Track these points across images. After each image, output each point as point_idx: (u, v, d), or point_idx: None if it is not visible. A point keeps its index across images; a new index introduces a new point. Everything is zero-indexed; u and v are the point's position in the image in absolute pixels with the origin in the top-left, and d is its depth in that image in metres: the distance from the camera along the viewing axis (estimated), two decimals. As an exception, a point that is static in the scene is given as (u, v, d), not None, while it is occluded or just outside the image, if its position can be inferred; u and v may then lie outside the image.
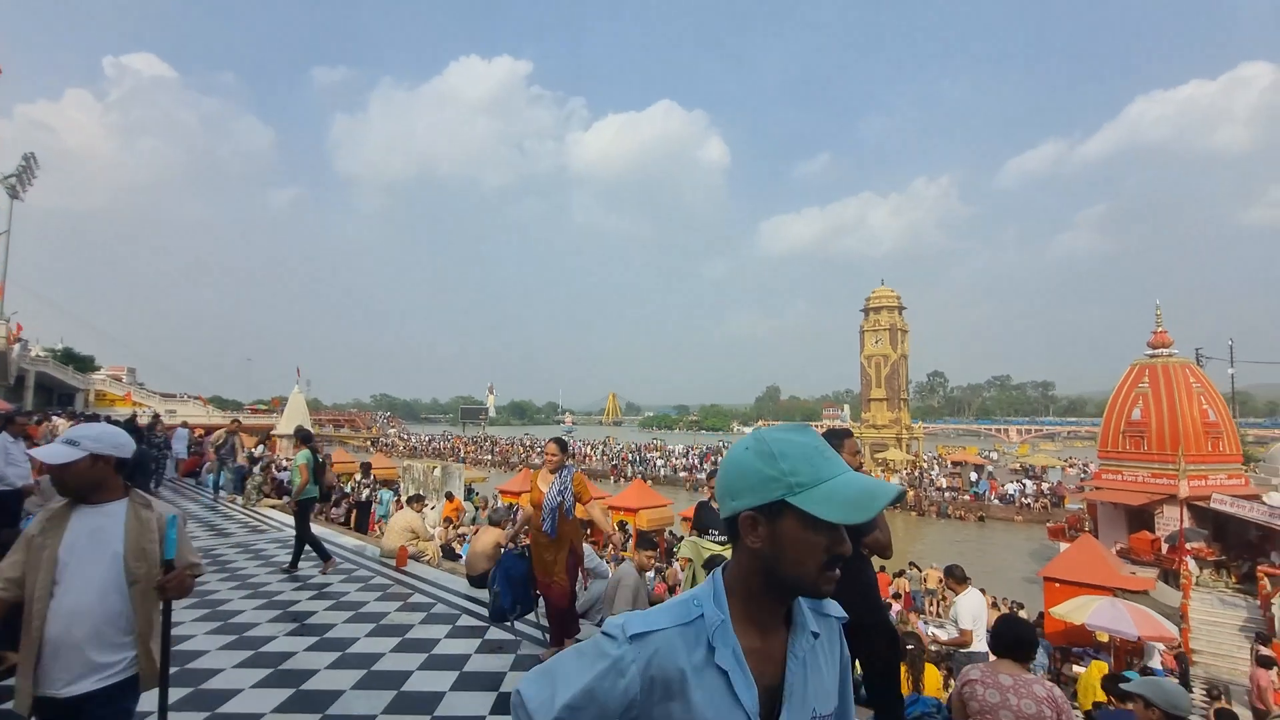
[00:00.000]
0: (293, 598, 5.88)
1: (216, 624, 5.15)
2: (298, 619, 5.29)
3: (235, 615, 5.36)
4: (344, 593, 6.03)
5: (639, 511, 21.54)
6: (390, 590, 6.13)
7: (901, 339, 48.96)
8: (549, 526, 4.55)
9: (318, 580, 6.48)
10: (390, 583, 6.37)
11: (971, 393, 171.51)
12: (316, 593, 6.06)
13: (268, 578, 6.58)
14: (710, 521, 5.32)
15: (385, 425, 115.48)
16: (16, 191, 48.33)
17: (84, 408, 55.45)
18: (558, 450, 4.83)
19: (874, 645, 3.05)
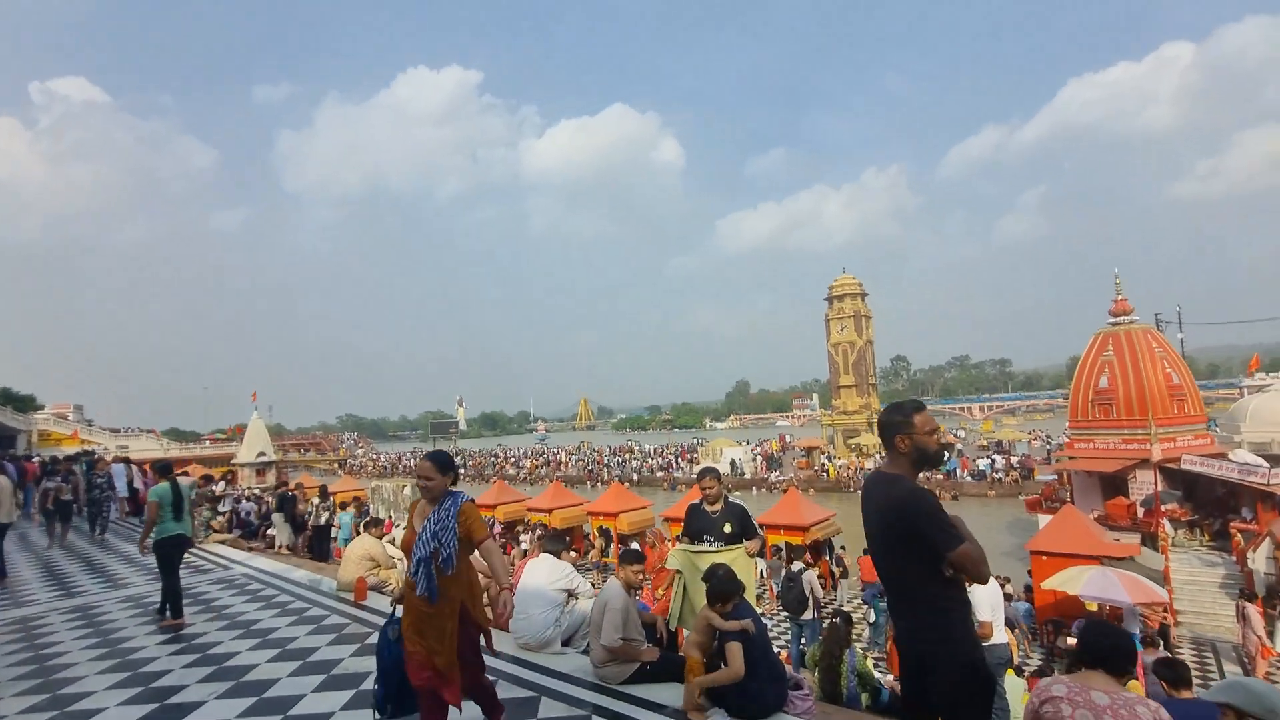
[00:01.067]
0: (231, 648, 5.15)
1: (124, 676, 4.45)
2: (232, 675, 4.56)
3: (153, 669, 4.64)
4: (292, 638, 5.30)
5: (619, 515, 20.99)
6: (346, 631, 5.40)
7: (866, 325, 49.39)
8: (424, 587, 3.03)
9: (263, 625, 5.73)
10: (347, 621, 5.64)
11: (934, 374, 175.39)
12: (260, 641, 5.32)
13: (204, 626, 5.81)
14: (704, 527, 4.76)
15: (353, 446, 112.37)
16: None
17: (26, 449, 52.48)
18: (436, 471, 3.18)
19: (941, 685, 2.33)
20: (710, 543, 4.70)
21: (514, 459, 67.25)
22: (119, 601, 6.82)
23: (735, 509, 4.87)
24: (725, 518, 4.79)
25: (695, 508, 4.99)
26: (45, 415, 64.05)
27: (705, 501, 4.90)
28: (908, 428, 2.49)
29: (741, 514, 4.84)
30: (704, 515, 4.84)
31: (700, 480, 4.92)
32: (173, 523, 5.99)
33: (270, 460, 54.29)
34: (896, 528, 2.43)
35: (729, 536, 4.71)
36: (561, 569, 4.82)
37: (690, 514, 5.00)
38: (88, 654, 5.15)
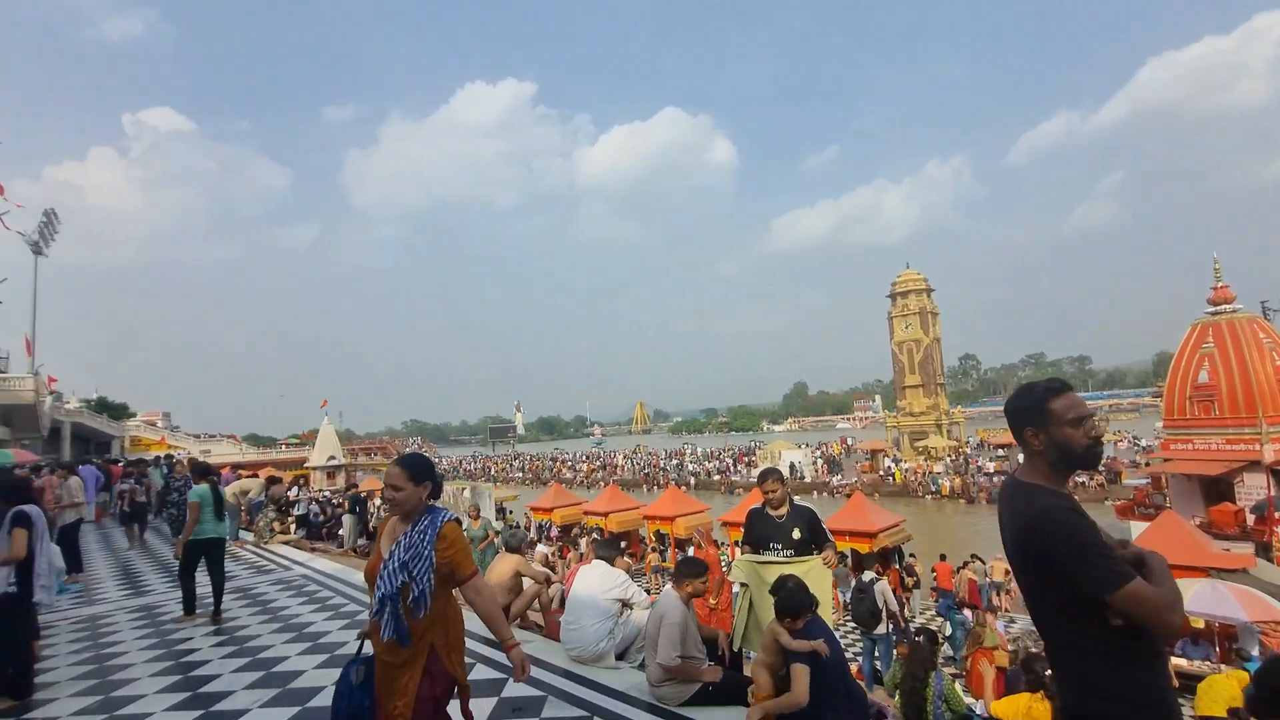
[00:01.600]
0: (281, 652, 5.04)
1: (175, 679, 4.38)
2: (278, 681, 4.43)
3: (204, 673, 4.57)
4: (341, 643, 5.14)
5: (676, 519, 20.59)
6: None
7: (933, 322, 47.27)
8: (390, 629, 2.39)
9: (314, 628, 5.63)
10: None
11: (1006, 373, 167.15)
12: (310, 645, 5.20)
13: (258, 628, 5.76)
14: (769, 533, 4.32)
15: (417, 450, 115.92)
16: (40, 248, 49.34)
17: (120, 453, 56.40)
18: (406, 479, 2.54)
19: None
20: (778, 551, 4.25)
21: (570, 463, 67.74)
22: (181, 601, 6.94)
23: (803, 513, 4.43)
24: (793, 522, 4.33)
25: (757, 512, 4.54)
26: (136, 422, 68.85)
27: (768, 506, 4.46)
28: (1041, 418, 1.82)
29: (811, 518, 4.39)
30: (768, 520, 4.40)
31: (762, 483, 4.45)
32: (211, 524, 6.04)
33: (340, 464, 56.52)
34: (1031, 555, 1.80)
35: (798, 544, 4.27)
36: (615, 577, 4.48)
37: (752, 519, 4.54)
38: (145, 654, 5.16)
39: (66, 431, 49.58)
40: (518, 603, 5.22)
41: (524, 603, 5.27)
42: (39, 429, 39.41)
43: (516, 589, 5.25)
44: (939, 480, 38.69)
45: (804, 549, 4.30)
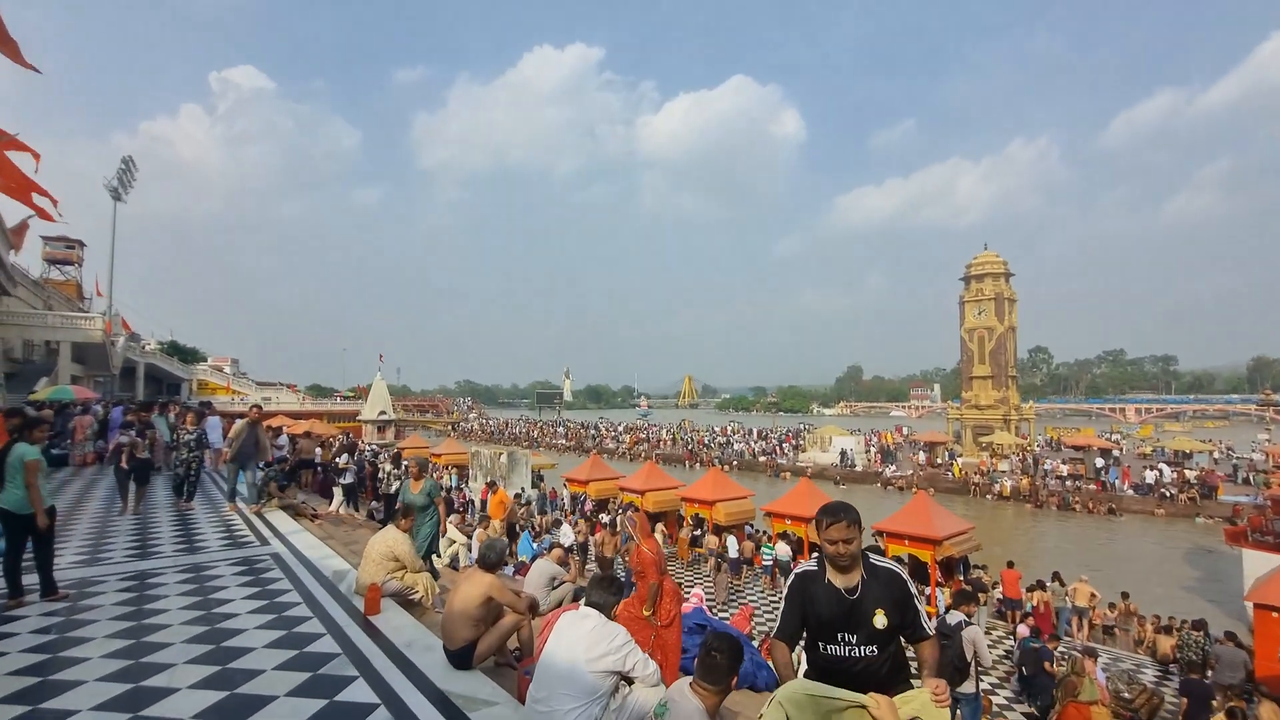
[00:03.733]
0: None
1: None
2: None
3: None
4: (254, 672, 3.92)
5: (716, 504, 19.17)
6: (325, 669, 3.97)
7: (1009, 309, 43.63)
8: None
9: (227, 646, 4.44)
10: (335, 651, 4.23)
11: (1079, 369, 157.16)
12: (202, 677, 4.03)
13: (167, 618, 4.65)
14: (834, 617, 2.70)
15: (466, 410, 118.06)
16: (119, 194, 51.05)
17: (188, 396, 58.89)
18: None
19: None
20: (850, 648, 2.63)
21: (614, 433, 67.01)
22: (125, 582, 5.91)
23: (888, 581, 2.69)
24: (874, 598, 2.63)
25: (812, 578, 2.75)
26: (205, 367, 71.87)
27: (833, 566, 2.69)
28: None
29: (902, 594, 2.68)
30: (830, 595, 2.67)
31: (825, 527, 2.67)
32: None
33: (390, 419, 57.53)
34: None
35: (883, 638, 2.63)
36: (610, 637, 3.04)
37: (804, 589, 2.75)
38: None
39: (141, 371, 51.83)
40: (488, 638, 3.90)
41: (497, 639, 3.94)
42: (110, 368, 40.91)
43: (488, 618, 3.92)
44: (1000, 479, 35.84)
45: (889, 645, 2.66)
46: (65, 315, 35.26)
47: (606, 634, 3.03)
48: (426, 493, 7.15)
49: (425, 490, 7.14)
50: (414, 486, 7.23)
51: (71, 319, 34.59)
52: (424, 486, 7.16)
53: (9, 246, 14.13)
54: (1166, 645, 12.51)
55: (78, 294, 52.52)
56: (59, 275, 52.87)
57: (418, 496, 7.00)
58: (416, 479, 7.29)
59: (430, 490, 7.23)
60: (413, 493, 7.09)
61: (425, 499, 7.14)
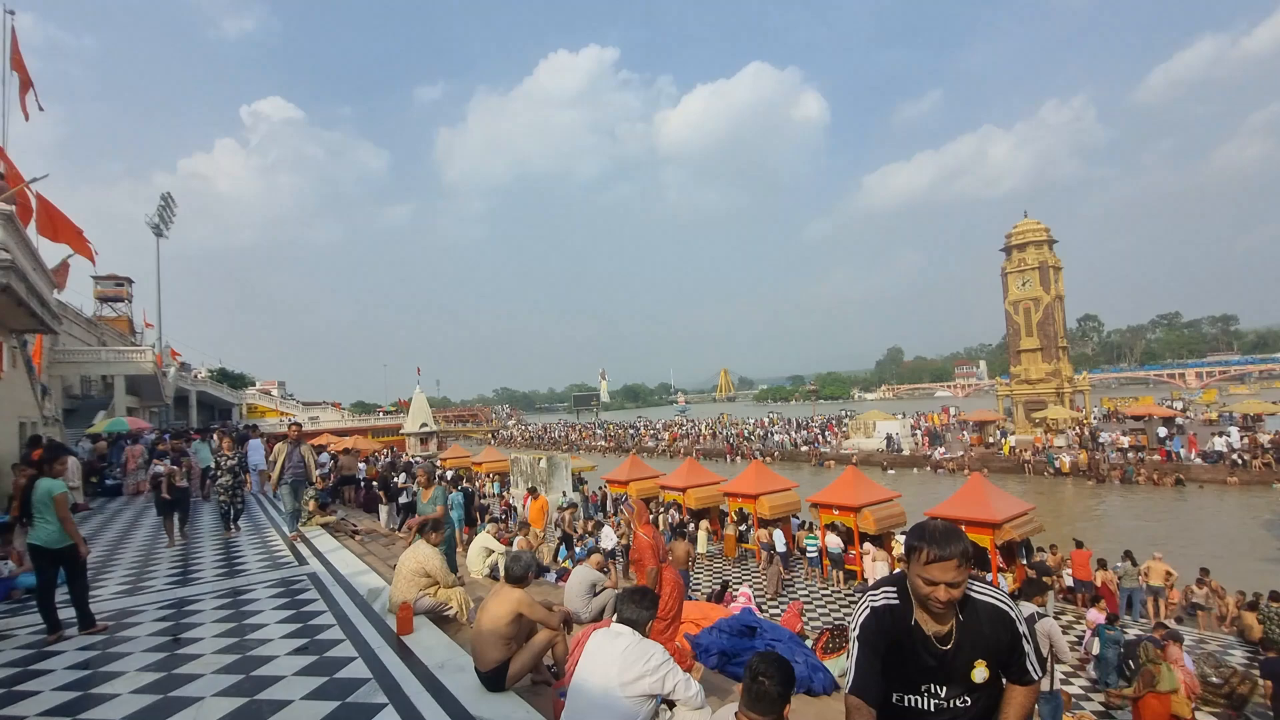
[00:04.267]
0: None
1: None
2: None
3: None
4: (281, 703, 3.73)
5: (759, 497, 18.69)
6: (354, 697, 3.76)
7: (1054, 278, 41.78)
8: None
9: (255, 675, 4.29)
10: (365, 676, 4.05)
11: (1133, 335, 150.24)
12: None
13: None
14: (919, 666, 2.12)
15: (505, 418, 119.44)
16: (160, 230, 53.04)
17: (239, 420, 60.91)
18: None
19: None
20: (938, 701, 2.09)
21: (654, 431, 66.80)
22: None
23: (993, 621, 2.05)
24: (973, 649, 2.04)
25: (890, 619, 2.11)
26: (253, 391, 74.24)
27: (924, 610, 2.07)
28: None
29: (1009, 637, 2.05)
30: (917, 643, 2.08)
31: (925, 561, 1.99)
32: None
33: (432, 430, 58.49)
34: None
35: (983, 692, 2.08)
36: (645, 656, 2.74)
37: (879, 629, 2.12)
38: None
39: (193, 399, 53.79)
40: (520, 658, 3.66)
41: (530, 658, 3.69)
42: (163, 398, 42.46)
43: (519, 636, 3.68)
44: (1056, 456, 34.31)
45: (987, 693, 2.10)
46: (118, 350, 36.66)
47: (642, 654, 2.74)
48: (437, 501, 6.90)
49: (435, 500, 6.89)
50: (424, 495, 6.97)
51: (124, 353, 35.93)
52: (434, 495, 6.92)
53: (53, 286, 14.54)
54: (1253, 621, 11.61)
55: (129, 329, 54.70)
56: (110, 312, 55.12)
57: (428, 506, 6.78)
58: (426, 487, 7.02)
59: (440, 499, 6.97)
60: (423, 502, 6.85)
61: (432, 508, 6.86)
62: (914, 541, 2.06)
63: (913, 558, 2.04)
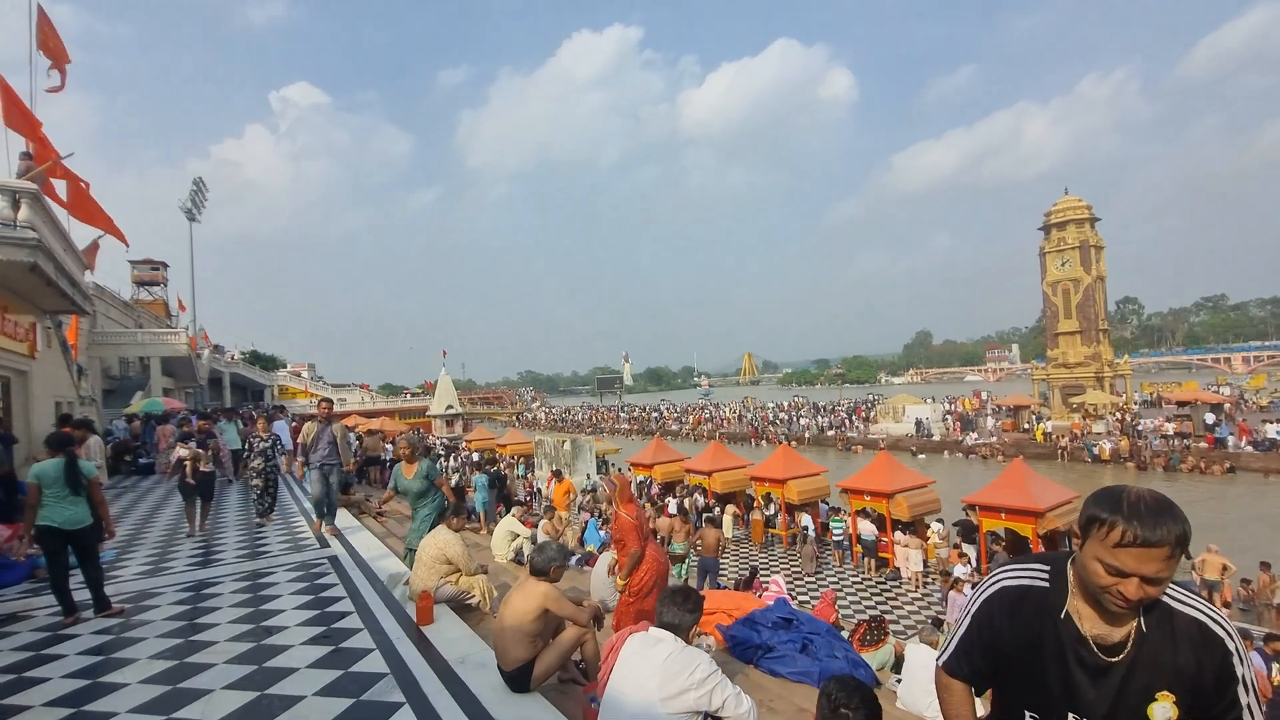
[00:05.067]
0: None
1: None
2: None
3: None
4: (293, 699, 3.51)
5: (787, 482, 18.29)
6: (369, 695, 3.47)
7: (1096, 257, 40.14)
8: None
9: (268, 667, 4.06)
10: (382, 670, 3.80)
11: (1175, 318, 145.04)
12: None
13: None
14: (1071, 695, 1.54)
15: (529, 400, 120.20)
16: (193, 215, 53.90)
17: (270, 401, 62.18)
18: None
19: None
20: None
21: (677, 414, 66.51)
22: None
23: (1196, 643, 1.47)
24: (1156, 673, 1.48)
25: (1027, 604, 1.61)
26: (284, 373, 75.72)
27: (1091, 602, 1.52)
28: None
29: (1220, 668, 1.45)
30: (1068, 644, 1.54)
31: (1116, 541, 1.40)
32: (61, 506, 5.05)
33: (457, 413, 59.00)
34: None
35: None
36: (690, 666, 2.40)
37: (1006, 615, 1.63)
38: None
39: (226, 381, 54.92)
40: (546, 657, 3.36)
41: (556, 658, 3.40)
42: (196, 379, 43.33)
43: (545, 633, 3.38)
44: (1095, 444, 33.16)
45: None
46: (153, 332, 37.39)
47: (686, 664, 2.40)
48: (424, 476, 6.13)
49: (422, 473, 6.14)
50: (407, 470, 6.17)
51: (159, 335, 36.64)
52: (419, 469, 6.15)
53: (84, 267, 14.59)
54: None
55: (165, 312, 55.91)
56: (146, 295, 56.32)
57: (413, 482, 6.06)
58: (410, 461, 6.20)
59: (427, 473, 6.19)
60: (406, 478, 6.08)
61: (423, 483, 6.09)
62: (1102, 512, 1.44)
63: (1094, 533, 1.45)
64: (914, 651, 6.00)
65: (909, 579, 14.17)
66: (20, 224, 10.31)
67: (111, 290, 39.17)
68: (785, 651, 6.00)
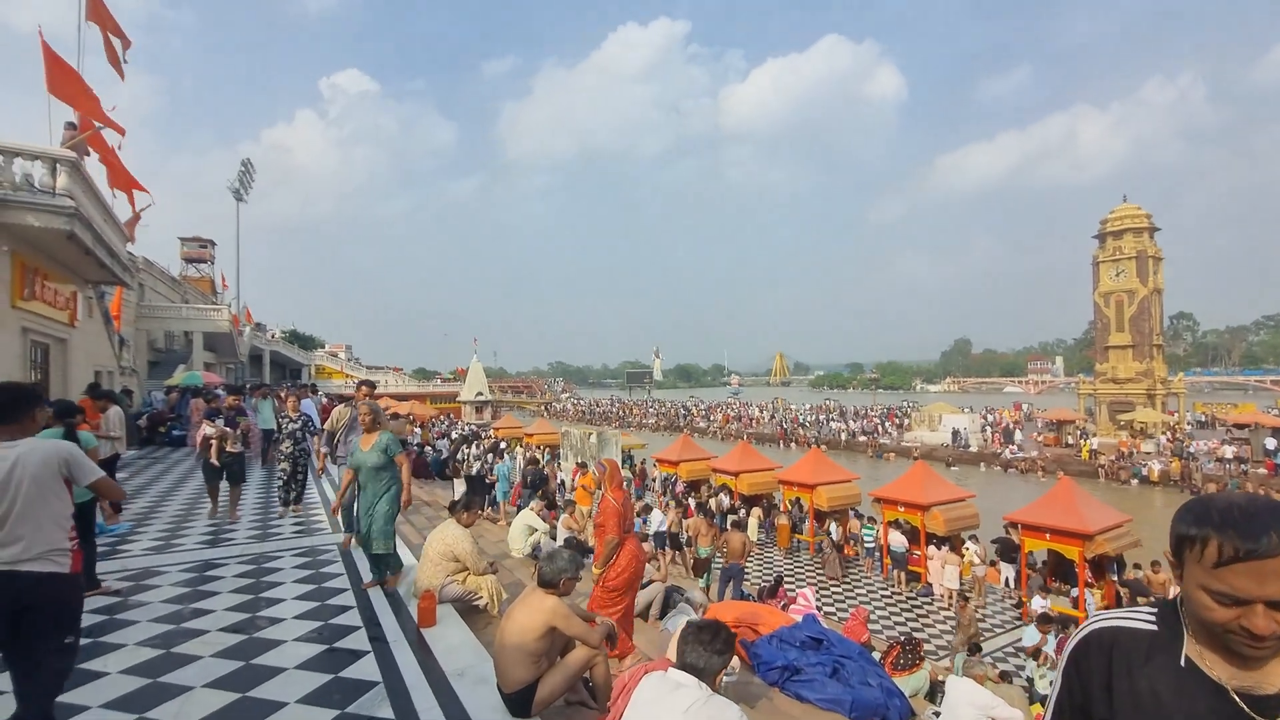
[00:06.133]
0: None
1: None
2: None
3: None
4: (274, 704, 3.20)
5: (817, 488, 17.68)
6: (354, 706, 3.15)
7: (1154, 269, 38.22)
8: None
9: (256, 664, 3.78)
10: (374, 679, 3.47)
11: (1233, 337, 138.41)
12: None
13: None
14: None
15: (559, 391, 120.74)
16: (240, 195, 55.21)
17: (308, 379, 63.53)
18: None
19: None
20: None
21: (705, 412, 65.88)
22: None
23: None
24: None
25: (1137, 652, 1.22)
26: (322, 353, 77.27)
27: (1217, 644, 1.13)
28: None
29: None
30: (1193, 697, 1.14)
31: (1204, 543, 1.10)
32: None
33: (487, 400, 59.40)
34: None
35: None
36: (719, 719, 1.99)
37: (1104, 665, 1.24)
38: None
39: (266, 359, 56.26)
40: (551, 679, 2.98)
41: (563, 681, 3.02)
42: (237, 355, 44.42)
43: (551, 653, 3.01)
44: (1143, 466, 31.55)
45: None
46: (197, 308, 38.36)
47: (711, 717, 1.99)
48: (382, 449, 5.06)
49: (380, 446, 5.07)
50: (365, 442, 5.16)
51: (203, 311, 37.57)
52: (378, 441, 5.09)
53: (124, 239, 14.74)
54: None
55: (211, 289, 57.42)
56: (194, 272, 57.90)
57: (369, 454, 5.04)
58: (369, 431, 5.19)
59: (387, 446, 5.11)
60: (362, 449, 5.09)
61: (380, 457, 5.01)
62: (1189, 527, 1.14)
63: (1189, 556, 1.14)
64: (956, 686, 5.49)
65: (941, 595, 13.50)
66: (59, 192, 10.39)
67: (160, 266, 40.27)
68: (814, 675, 5.55)
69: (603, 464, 4.68)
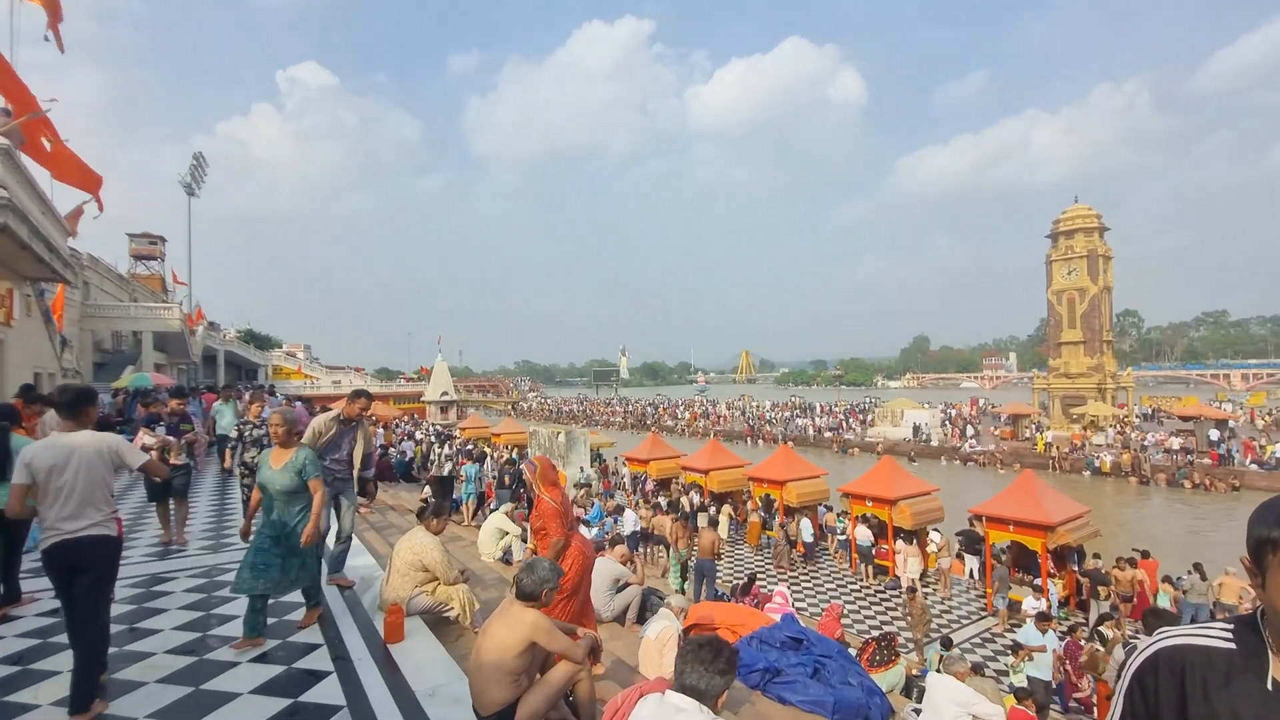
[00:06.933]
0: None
1: None
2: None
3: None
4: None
5: (787, 484, 17.77)
6: None
7: (1104, 268, 39.67)
8: None
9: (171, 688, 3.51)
10: (337, 703, 3.24)
11: (1174, 333, 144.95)
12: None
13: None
14: None
15: (525, 390, 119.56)
16: (192, 189, 53.05)
17: (264, 380, 61.47)
18: None
19: None
20: None
21: (672, 410, 65.99)
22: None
23: None
24: None
25: (1213, 672, 1.12)
26: (279, 353, 74.89)
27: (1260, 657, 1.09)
28: None
29: None
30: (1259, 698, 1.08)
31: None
32: None
33: (452, 399, 58.34)
34: None
35: None
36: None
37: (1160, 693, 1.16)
38: None
39: (220, 359, 54.19)
40: (531, 699, 2.80)
41: (544, 700, 2.84)
42: (189, 355, 42.64)
43: (531, 670, 2.83)
44: (1095, 457, 32.70)
45: None
46: (146, 306, 36.69)
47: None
48: (296, 470, 4.16)
49: (294, 467, 4.17)
50: (275, 459, 4.23)
51: (152, 309, 35.95)
52: (292, 460, 4.19)
53: (65, 232, 13.91)
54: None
55: (161, 287, 55.04)
56: (144, 270, 55.47)
57: (280, 474, 4.15)
58: (283, 445, 4.28)
59: (304, 467, 4.20)
60: (272, 469, 4.16)
61: (294, 479, 4.13)
62: (1272, 529, 1.03)
63: (1270, 561, 1.02)
64: (936, 682, 5.48)
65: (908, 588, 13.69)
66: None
67: (107, 263, 38.40)
68: (795, 676, 5.47)
69: (533, 463, 4.36)
